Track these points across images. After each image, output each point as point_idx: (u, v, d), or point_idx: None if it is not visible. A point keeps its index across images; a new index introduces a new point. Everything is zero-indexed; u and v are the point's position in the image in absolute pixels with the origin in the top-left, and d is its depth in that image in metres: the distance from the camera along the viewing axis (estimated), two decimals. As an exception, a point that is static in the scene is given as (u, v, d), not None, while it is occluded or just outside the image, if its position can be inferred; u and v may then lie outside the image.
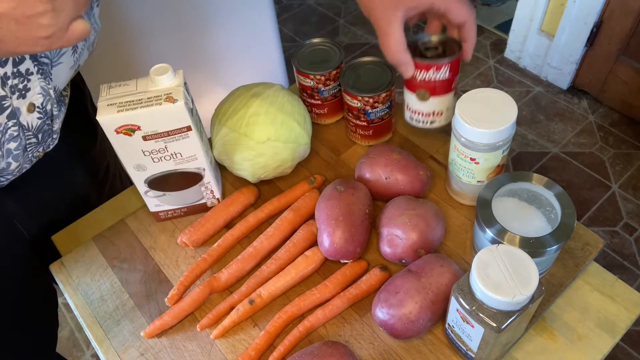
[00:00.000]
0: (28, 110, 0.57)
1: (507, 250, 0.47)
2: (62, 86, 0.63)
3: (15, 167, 0.60)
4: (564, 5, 1.78)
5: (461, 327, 0.50)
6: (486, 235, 0.54)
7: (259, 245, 0.63)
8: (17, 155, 0.58)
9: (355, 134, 0.74)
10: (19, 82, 0.54)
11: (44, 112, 0.59)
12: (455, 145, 0.60)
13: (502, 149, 0.58)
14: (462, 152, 0.60)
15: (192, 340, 0.59)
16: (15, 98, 0.54)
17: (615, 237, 1.57)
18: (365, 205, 0.62)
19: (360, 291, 0.59)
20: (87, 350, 1.46)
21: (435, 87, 0.63)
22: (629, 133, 1.82)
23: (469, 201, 0.66)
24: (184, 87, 0.57)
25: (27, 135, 0.59)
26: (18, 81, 0.54)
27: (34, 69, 0.55)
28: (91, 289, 0.65)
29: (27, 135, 0.59)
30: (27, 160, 0.61)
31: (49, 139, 0.63)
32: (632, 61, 1.75)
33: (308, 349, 0.53)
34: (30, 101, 0.57)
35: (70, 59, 0.61)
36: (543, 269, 0.57)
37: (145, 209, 0.70)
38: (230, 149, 0.66)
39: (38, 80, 0.56)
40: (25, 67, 0.54)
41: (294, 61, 0.74)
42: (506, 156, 0.60)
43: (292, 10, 2.41)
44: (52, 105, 0.60)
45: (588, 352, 0.55)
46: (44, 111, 0.59)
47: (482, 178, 0.61)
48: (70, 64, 0.62)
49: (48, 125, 0.61)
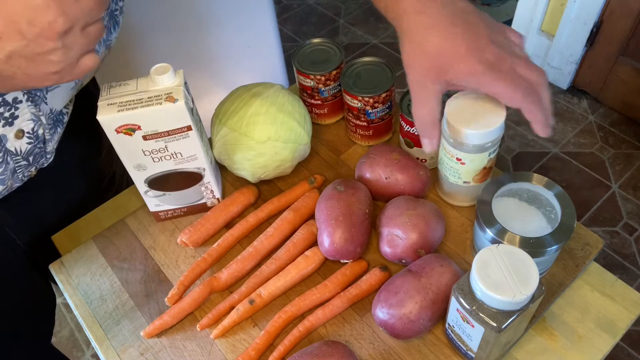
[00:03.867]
0: (16, 137, 0.55)
1: (507, 250, 0.47)
2: (60, 107, 0.61)
3: (2, 189, 0.58)
4: (564, 5, 1.78)
5: (461, 327, 0.50)
6: (486, 235, 0.54)
7: (259, 245, 0.63)
8: (3, 179, 0.56)
9: (355, 134, 0.74)
10: (5, 110, 0.52)
11: (35, 137, 0.57)
12: (443, 145, 0.61)
13: (488, 151, 0.58)
14: (449, 152, 0.60)
15: (192, 340, 0.59)
16: (1, 126, 0.52)
17: (615, 237, 1.57)
18: (365, 205, 0.62)
19: (360, 291, 0.59)
20: (87, 350, 1.46)
21: (418, 141, 0.65)
22: (629, 133, 1.82)
23: (457, 202, 0.66)
24: (185, 87, 0.57)
25: (16, 159, 0.57)
26: (4, 110, 0.52)
27: (22, 97, 0.53)
28: (91, 288, 0.65)
29: (16, 159, 0.57)
30: (17, 180, 0.59)
31: (42, 159, 0.61)
32: (632, 61, 1.75)
33: (308, 348, 0.53)
34: (19, 128, 0.54)
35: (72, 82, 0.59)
36: (543, 269, 0.57)
37: (145, 209, 0.70)
38: (230, 148, 0.66)
39: (28, 108, 0.54)
40: (13, 96, 0.52)
41: (294, 61, 0.74)
42: (493, 159, 0.60)
43: (292, 10, 2.41)
44: (45, 130, 0.58)
45: (588, 352, 0.55)
46: (35, 136, 0.57)
47: (468, 179, 0.61)
48: (71, 85, 0.60)
49: (40, 148, 0.59)
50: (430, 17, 0.48)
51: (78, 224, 0.72)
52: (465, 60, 0.47)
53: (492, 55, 0.47)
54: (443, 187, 0.66)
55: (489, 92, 0.50)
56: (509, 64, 0.48)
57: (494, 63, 0.47)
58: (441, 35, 0.48)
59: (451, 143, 0.58)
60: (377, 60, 0.72)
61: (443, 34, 0.48)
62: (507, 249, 0.47)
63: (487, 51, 0.47)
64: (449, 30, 0.48)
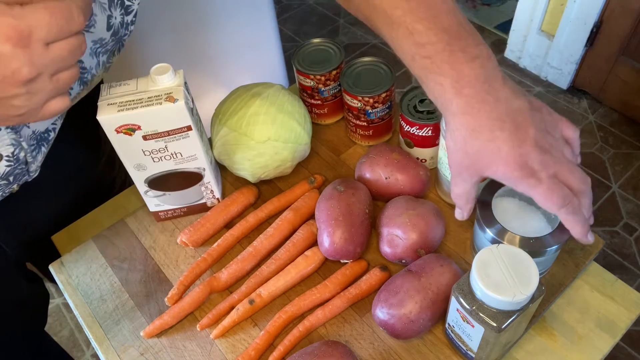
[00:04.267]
0: None
1: (507, 250, 0.47)
2: (44, 128, 0.59)
3: None
4: (564, 5, 1.78)
5: (461, 327, 0.50)
6: (486, 235, 0.54)
7: (259, 245, 0.63)
8: None
9: (355, 134, 0.74)
10: None
11: (15, 159, 0.55)
12: (442, 144, 0.61)
13: None
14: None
15: (192, 340, 0.59)
16: None
17: (615, 237, 1.57)
18: (365, 205, 0.62)
19: (360, 291, 0.59)
20: (87, 350, 1.46)
21: (418, 141, 0.68)
22: (629, 133, 1.82)
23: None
24: (184, 87, 0.57)
25: None
26: None
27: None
28: (91, 288, 0.65)
29: None
30: None
31: (24, 177, 0.59)
32: (632, 61, 1.75)
33: (308, 348, 0.53)
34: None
35: None
36: (543, 269, 0.57)
37: (145, 209, 0.70)
38: (230, 148, 0.66)
39: (7, 135, 0.52)
40: None
41: (294, 61, 0.74)
42: None
43: (292, 10, 2.41)
44: (27, 153, 0.57)
45: (588, 352, 0.55)
46: (15, 159, 0.55)
47: None
48: None
49: (21, 169, 0.58)
50: (476, 119, 0.46)
51: (78, 224, 0.72)
52: (505, 165, 0.46)
53: (533, 162, 0.45)
54: (443, 187, 0.66)
55: (529, 195, 0.48)
56: (551, 171, 0.46)
57: (535, 170, 0.45)
58: (484, 138, 0.46)
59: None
60: (377, 60, 0.72)
61: (487, 136, 0.46)
62: (507, 249, 0.47)
63: (529, 157, 0.45)
64: (494, 133, 0.46)
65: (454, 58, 0.46)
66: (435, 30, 0.46)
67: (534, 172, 0.46)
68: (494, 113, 0.46)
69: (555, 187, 0.46)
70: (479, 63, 0.45)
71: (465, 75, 0.45)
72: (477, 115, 0.46)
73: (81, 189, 0.77)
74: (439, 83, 0.47)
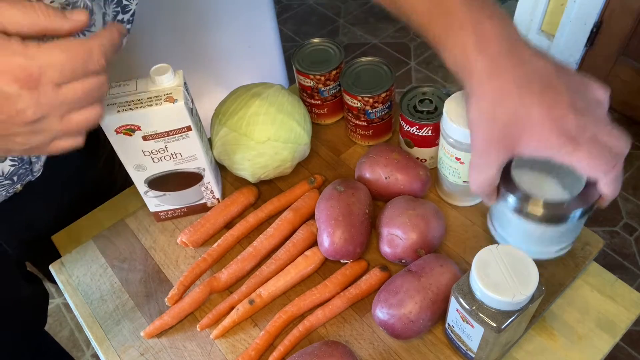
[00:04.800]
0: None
1: (507, 250, 0.46)
2: None
3: None
4: (564, 5, 1.78)
5: (461, 327, 0.50)
6: (508, 204, 0.51)
7: (259, 245, 0.63)
8: None
9: (355, 134, 0.74)
10: None
11: (20, 159, 0.55)
12: (442, 144, 0.61)
13: None
14: (448, 151, 0.60)
15: (192, 340, 0.59)
16: None
17: (615, 237, 1.57)
18: (365, 205, 0.62)
19: (360, 291, 0.59)
20: (87, 350, 1.46)
21: (418, 141, 0.68)
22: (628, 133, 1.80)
23: (457, 201, 0.66)
24: (184, 87, 0.57)
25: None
26: None
27: None
28: (91, 289, 0.65)
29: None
30: (0, 196, 0.58)
31: (27, 177, 0.59)
32: (632, 61, 1.75)
33: (308, 349, 0.53)
34: None
35: None
36: (568, 241, 0.54)
37: (145, 209, 0.70)
38: (230, 149, 0.66)
39: None
40: None
41: (294, 61, 0.74)
42: None
43: (292, 10, 2.41)
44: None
45: (588, 352, 0.55)
46: (20, 159, 0.55)
47: (467, 179, 0.61)
48: None
49: (25, 169, 0.57)
50: (504, 80, 0.42)
51: (78, 224, 0.72)
52: (540, 131, 0.42)
53: (571, 125, 0.41)
54: (443, 187, 0.66)
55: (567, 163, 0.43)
56: (590, 133, 0.42)
57: (573, 134, 0.41)
58: (515, 103, 0.42)
59: (451, 142, 0.58)
60: (377, 60, 0.72)
61: (517, 101, 0.42)
62: (507, 249, 0.47)
63: (566, 121, 0.41)
64: (524, 97, 0.42)
65: (475, 15, 0.43)
66: None
67: (573, 137, 0.41)
68: (520, 72, 0.42)
69: (597, 152, 0.42)
70: (499, 21, 0.43)
71: (487, 31, 0.42)
72: (505, 77, 0.42)
73: (81, 189, 0.77)
74: (461, 42, 0.43)
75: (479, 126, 0.45)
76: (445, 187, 0.66)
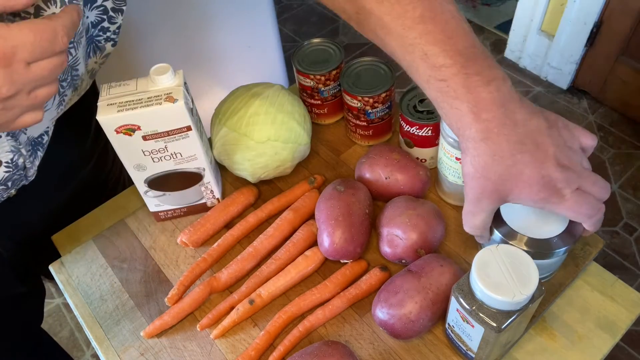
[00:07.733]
0: None
1: (507, 250, 0.46)
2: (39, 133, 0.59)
3: None
4: (564, 5, 1.78)
5: (461, 327, 0.50)
6: (494, 237, 0.54)
7: (259, 245, 0.63)
8: None
9: (355, 134, 0.74)
10: None
11: (14, 166, 0.56)
12: (442, 144, 0.61)
13: None
14: (448, 151, 0.60)
15: (192, 340, 0.59)
16: None
17: (615, 237, 1.57)
18: (365, 205, 0.62)
19: (360, 291, 0.59)
20: (87, 350, 1.46)
21: (418, 141, 0.68)
22: (629, 133, 1.82)
23: (457, 201, 0.66)
24: (184, 87, 0.57)
25: None
26: None
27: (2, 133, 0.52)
28: (91, 289, 0.65)
29: None
30: None
31: (22, 182, 0.60)
32: (632, 61, 1.75)
33: (308, 348, 0.53)
34: None
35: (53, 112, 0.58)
36: (549, 272, 0.57)
37: (145, 209, 0.70)
38: (230, 149, 0.66)
39: (7, 142, 0.53)
40: None
41: (294, 61, 0.74)
42: None
43: (292, 10, 2.41)
44: (25, 159, 0.57)
45: (588, 352, 0.55)
46: (14, 165, 0.56)
47: None
48: (52, 115, 0.59)
49: (19, 175, 0.58)
50: (498, 143, 0.45)
51: (78, 224, 0.72)
52: (530, 187, 0.46)
53: (557, 181, 0.45)
54: (443, 187, 0.66)
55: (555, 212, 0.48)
56: (576, 185, 0.46)
57: (559, 188, 0.46)
58: (506, 164, 0.45)
59: (450, 143, 0.58)
60: (377, 60, 0.72)
61: (508, 161, 0.45)
62: (507, 249, 0.47)
63: (552, 177, 0.45)
64: (515, 157, 0.45)
65: (471, 81, 0.45)
66: (451, 53, 0.45)
67: (558, 190, 0.46)
68: (514, 136, 0.45)
69: (583, 200, 0.46)
70: (495, 86, 0.45)
71: (482, 99, 0.45)
72: (497, 140, 0.45)
73: (74, 188, 0.77)
74: (456, 107, 0.46)
75: (472, 180, 0.48)
76: (445, 187, 0.66)
